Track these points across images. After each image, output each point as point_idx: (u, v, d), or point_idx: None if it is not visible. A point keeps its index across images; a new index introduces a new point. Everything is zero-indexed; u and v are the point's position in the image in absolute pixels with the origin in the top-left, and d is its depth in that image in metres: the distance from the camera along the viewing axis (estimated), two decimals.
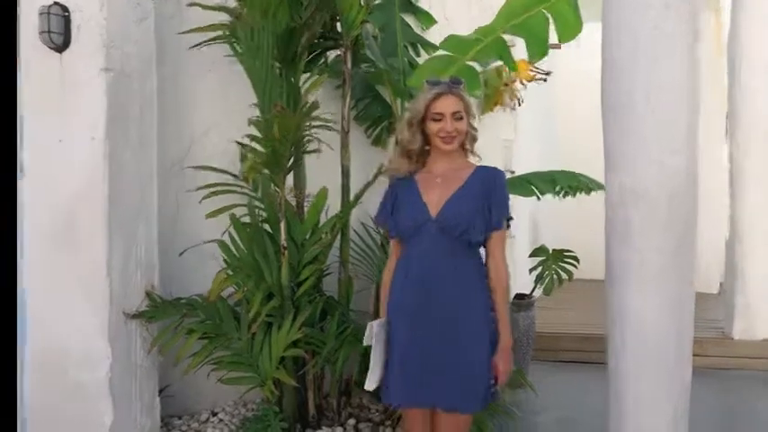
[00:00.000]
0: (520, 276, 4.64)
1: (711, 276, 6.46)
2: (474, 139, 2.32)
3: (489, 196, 2.19)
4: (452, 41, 3.22)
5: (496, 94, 4.31)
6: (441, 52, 3.30)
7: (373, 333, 2.23)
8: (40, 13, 2.72)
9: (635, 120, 2.30)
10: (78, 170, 2.83)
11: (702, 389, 4.23)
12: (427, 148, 2.30)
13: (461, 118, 2.22)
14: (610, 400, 2.49)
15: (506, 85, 4.32)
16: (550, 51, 6.34)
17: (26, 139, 2.86)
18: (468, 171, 2.25)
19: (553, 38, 3.43)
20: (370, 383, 2.23)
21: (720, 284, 6.09)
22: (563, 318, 5.44)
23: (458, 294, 2.17)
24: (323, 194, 3.20)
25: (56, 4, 2.74)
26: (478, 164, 2.31)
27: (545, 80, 4.73)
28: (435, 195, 2.22)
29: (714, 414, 3.94)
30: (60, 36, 2.76)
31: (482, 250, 2.27)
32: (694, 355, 4.74)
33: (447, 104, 2.20)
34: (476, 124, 2.34)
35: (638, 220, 2.32)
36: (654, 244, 2.31)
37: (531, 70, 4.39)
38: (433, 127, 2.22)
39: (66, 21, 2.76)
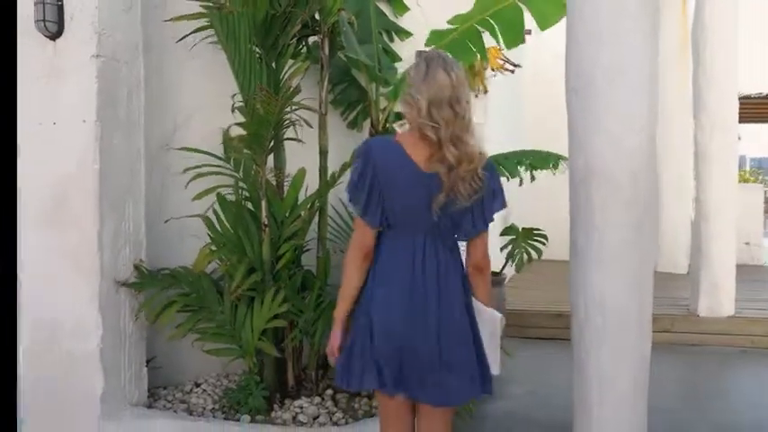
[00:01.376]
0: (491, 255, 4.82)
1: (681, 257, 6.68)
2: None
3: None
4: (433, 37, 3.38)
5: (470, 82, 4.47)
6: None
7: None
8: (36, 3, 2.88)
9: (596, 100, 2.38)
10: (71, 151, 3.00)
11: (670, 363, 4.49)
12: None
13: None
14: (574, 371, 2.59)
15: (476, 74, 4.47)
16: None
17: (21, 122, 3.03)
18: None
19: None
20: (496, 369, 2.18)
21: (689, 265, 6.31)
22: (535, 297, 5.65)
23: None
24: (301, 174, 3.38)
25: None
26: None
27: (513, 72, 4.86)
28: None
29: (680, 386, 4.14)
30: (54, 24, 2.92)
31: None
32: (663, 332, 5.04)
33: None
34: None
35: (598, 198, 2.39)
36: (614, 221, 2.39)
37: (501, 59, 4.55)
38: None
39: (60, 10, 2.92)
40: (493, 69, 4.61)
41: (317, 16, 3.45)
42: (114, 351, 3.13)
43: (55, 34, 2.93)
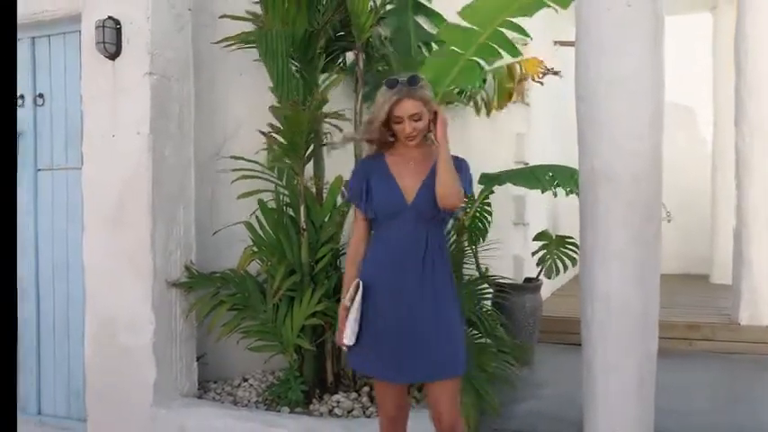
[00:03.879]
0: (529, 262, 4.94)
1: (729, 268, 6.58)
2: (445, 123, 2.36)
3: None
4: (454, 33, 3.50)
5: (507, 93, 4.61)
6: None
7: (358, 292, 2.34)
8: (96, 27, 3.20)
9: (599, 108, 2.53)
10: (127, 160, 3.30)
11: (707, 370, 4.50)
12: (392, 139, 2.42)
13: (419, 119, 2.30)
14: (583, 366, 2.72)
15: (519, 82, 4.59)
16: (566, 49, 6.57)
17: (85, 134, 3.38)
18: (433, 159, 2.34)
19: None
20: (348, 339, 2.33)
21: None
22: (577, 305, 5.70)
23: (429, 271, 2.31)
24: (338, 181, 3.58)
25: (110, 18, 3.22)
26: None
27: (559, 75, 4.94)
28: (409, 181, 2.35)
29: (715, 391, 4.15)
30: (113, 46, 3.23)
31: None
32: (704, 340, 5.03)
33: (405, 108, 2.28)
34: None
35: (604, 199, 2.54)
36: (618, 222, 2.53)
37: (541, 68, 4.67)
38: (395, 128, 2.33)
39: (118, 33, 3.24)
40: (533, 79, 4.72)
41: (353, 32, 3.67)
42: (165, 346, 3.40)
43: (113, 54, 3.24)
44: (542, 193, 3.95)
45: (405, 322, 2.31)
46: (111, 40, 3.20)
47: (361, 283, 2.36)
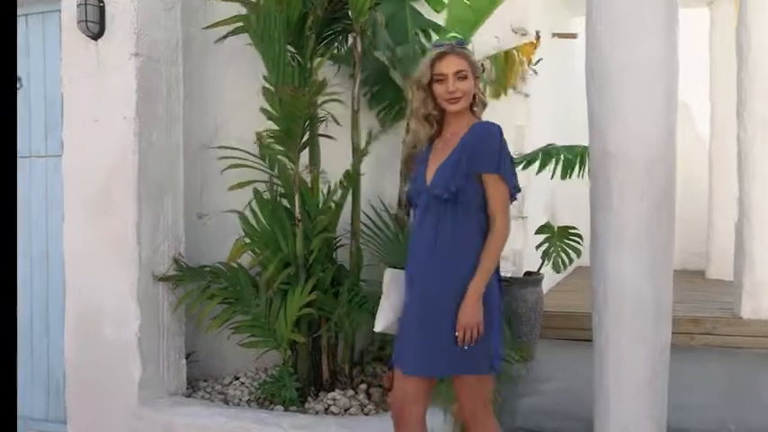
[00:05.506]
0: (530, 255, 4.83)
1: (729, 264, 6.49)
2: (483, 103, 2.31)
3: (468, 148, 2.16)
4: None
5: (506, 78, 4.47)
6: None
7: (386, 280, 2.33)
8: (78, 5, 3.03)
9: (612, 90, 2.45)
10: (111, 146, 3.13)
11: (709, 364, 4.41)
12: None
13: (465, 77, 2.18)
14: (594, 357, 2.64)
15: (511, 68, 4.47)
16: (567, 42, 6.49)
17: (66, 119, 3.20)
18: (465, 131, 2.21)
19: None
20: (377, 326, 2.34)
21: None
22: (578, 299, 5.58)
23: (440, 258, 2.17)
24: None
25: None
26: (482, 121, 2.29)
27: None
28: (434, 162, 2.23)
29: (716, 385, 4.09)
30: (96, 25, 3.06)
31: None
32: (705, 334, 4.93)
33: (449, 64, 2.18)
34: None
35: (617, 185, 2.47)
36: (631, 207, 2.45)
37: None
38: (438, 89, 2.20)
39: (102, 11, 3.07)
40: (530, 64, 4.60)
41: (350, 14, 3.53)
42: (152, 341, 3.24)
43: (96, 34, 3.07)
44: (563, 177, 3.82)
45: (415, 312, 2.20)
46: (95, 18, 3.03)
47: (391, 270, 2.33)
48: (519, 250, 5.51)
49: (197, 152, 3.71)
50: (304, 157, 3.48)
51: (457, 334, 2.09)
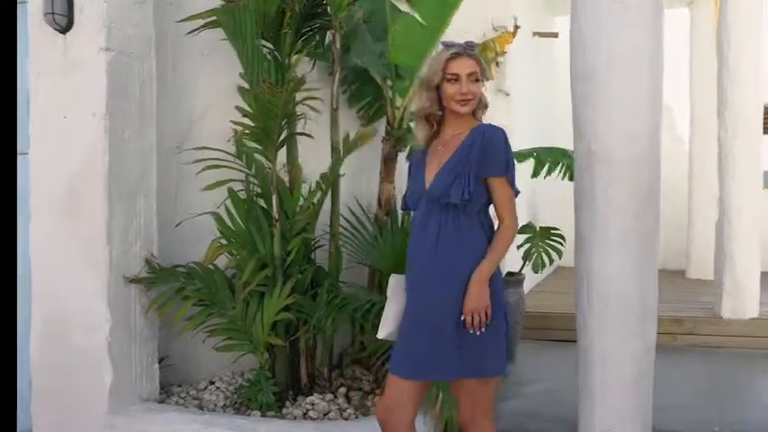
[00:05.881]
0: (510, 255, 4.77)
1: (710, 264, 6.51)
2: (485, 105, 2.28)
3: (471, 153, 2.12)
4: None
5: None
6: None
7: (391, 286, 2.29)
8: None
9: (598, 87, 2.41)
10: (81, 144, 3.01)
11: (690, 364, 4.40)
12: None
13: (477, 80, 2.16)
14: (579, 357, 2.60)
15: (493, 56, 4.41)
16: (550, 42, 6.44)
17: (33, 116, 3.07)
18: (466, 133, 2.18)
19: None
20: (380, 332, 2.30)
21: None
22: (559, 300, 5.57)
23: (441, 263, 2.13)
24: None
25: None
26: (483, 123, 2.26)
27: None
28: (434, 165, 2.20)
29: (699, 385, 4.09)
30: (64, 18, 2.94)
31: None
32: (687, 334, 4.92)
33: (463, 65, 2.15)
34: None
35: (602, 184, 2.42)
36: (616, 207, 2.41)
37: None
38: (448, 89, 2.16)
39: (70, 3, 2.94)
40: (502, 52, 4.52)
41: (329, 10, 3.45)
42: (124, 346, 3.13)
43: (65, 28, 2.95)
44: (544, 177, 3.78)
45: (420, 316, 2.17)
46: (62, 11, 2.91)
47: (396, 276, 2.29)
48: None
49: (171, 150, 3.60)
50: (281, 156, 3.39)
51: (463, 317, 2.07)
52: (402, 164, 3.82)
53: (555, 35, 6.67)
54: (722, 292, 5.00)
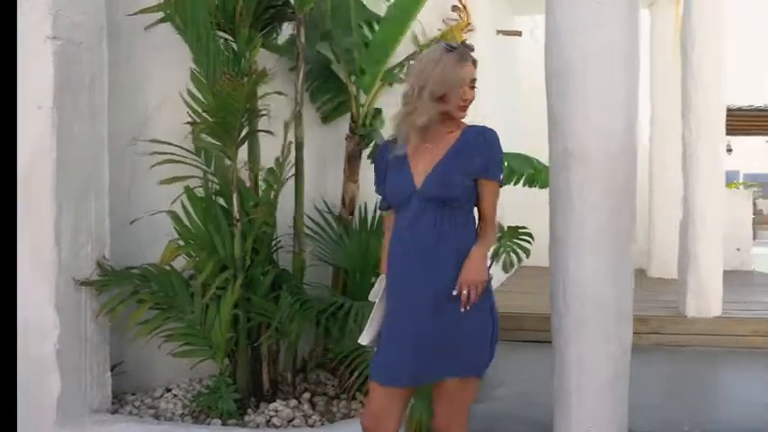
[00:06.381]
0: None
1: (673, 263, 6.57)
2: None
3: (471, 153, 2.08)
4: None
5: None
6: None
7: (380, 289, 2.20)
8: None
9: (574, 84, 2.36)
10: (25, 139, 2.83)
11: (657, 363, 4.39)
12: None
13: (474, 87, 2.13)
14: (554, 360, 2.53)
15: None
16: (513, 42, 6.38)
17: None
18: (458, 132, 2.13)
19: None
20: (363, 338, 2.20)
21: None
22: (528, 300, 5.54)
23: (444, 264, 2.07)
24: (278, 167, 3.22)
25: None
26: (469, 124, 2.20)
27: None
28: (422, 163, 2.13)
29: (666, 385, 4.08)
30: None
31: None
32: (652, 333, 4.91)
33: (469, 72, 2.10)
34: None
35: (577, 183, 2.37)
36: (592, 206, 2.36)
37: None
38: (453, 98, 2.08)
39: None
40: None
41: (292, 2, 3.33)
42: (73, 353, 2.96)
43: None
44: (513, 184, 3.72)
45: (411, 319, 2.08)
46: None
47: (382, 280, 2.19)
48: None
49: (124, 146, 3.44)
50: (242, 153, 3.25)
51: (457, 291, 2.02)
52: (366, 162, 3.74)
53: (518, 33, 6.65)
54: (687, 290, 5.02)
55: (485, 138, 2.11)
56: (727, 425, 3.38)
